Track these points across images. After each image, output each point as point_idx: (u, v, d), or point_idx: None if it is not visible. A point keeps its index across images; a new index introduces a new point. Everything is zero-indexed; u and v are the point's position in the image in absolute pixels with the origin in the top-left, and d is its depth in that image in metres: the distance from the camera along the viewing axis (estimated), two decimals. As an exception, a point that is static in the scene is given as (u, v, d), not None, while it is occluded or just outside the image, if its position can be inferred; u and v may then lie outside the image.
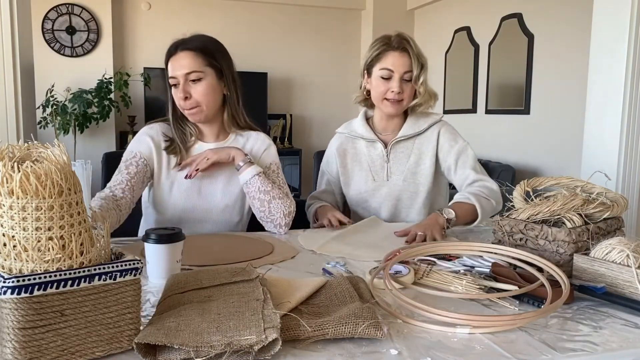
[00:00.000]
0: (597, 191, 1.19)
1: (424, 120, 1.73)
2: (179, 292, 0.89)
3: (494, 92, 4.34)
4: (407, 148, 1.74)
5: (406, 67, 1.61)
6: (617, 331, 0.86)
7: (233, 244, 1.40)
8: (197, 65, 1.49)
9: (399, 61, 1.61)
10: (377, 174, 1.74)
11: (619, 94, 2.28)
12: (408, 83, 1.63)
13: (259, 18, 5.33)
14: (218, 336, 0.72)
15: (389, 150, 1.74)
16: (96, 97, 4.48)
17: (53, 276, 0.67)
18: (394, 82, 1.62)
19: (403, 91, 1.63)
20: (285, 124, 5.37)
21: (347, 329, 0.77)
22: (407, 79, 1.63)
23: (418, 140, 1.74)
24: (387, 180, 1.73)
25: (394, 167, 1.74)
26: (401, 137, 1.72)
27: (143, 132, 1.59)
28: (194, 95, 1.50)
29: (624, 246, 0.99)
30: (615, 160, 2.29)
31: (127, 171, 1.50)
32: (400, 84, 1.62)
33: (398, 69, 1.61)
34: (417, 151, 1.73)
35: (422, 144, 1.73)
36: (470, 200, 1.56)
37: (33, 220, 0.68)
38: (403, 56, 1.61)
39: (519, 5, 4.04)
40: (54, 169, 0.69)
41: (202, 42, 1.53)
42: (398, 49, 1.62)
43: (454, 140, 1.72)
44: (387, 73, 1.62)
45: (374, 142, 1.75)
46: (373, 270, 1.07)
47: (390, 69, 1.62)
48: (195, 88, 1.50)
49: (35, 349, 0.66)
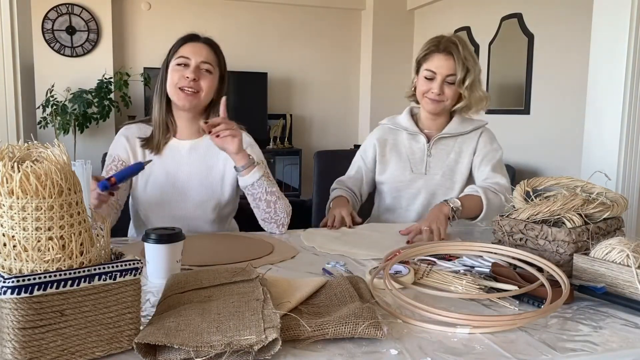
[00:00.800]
0: (597, 191, 1.19)
1: (469, 123, 1.80)
2: (178, 292, 0.89)
3: (494, 92, 4.34)
4: (448, 145, 1.78)
5: (450, 70, 1.66)
6: (617, 331, 0.86)
7: (233, 244, 1.40)
8: (212, 59, 1.56)
9: (443, 64, 1.67)
10: (415, 166, 1.78)
11: (618, 94, 2.28)
12: (451, 86, 1.69)
13: (259, 18, 5.33)
14: (218, 336, 0.72)
15: (431, 144, 1.78)
16: (96, 97, 4.48)
17: (53, 276, 0.67)
18: (436, 83, 1.68)
19: (444, 93, 1.69)
20: (285, 124, 5.36)
21: (347, 329, 0.77)
22: (450, 82, 1.68)
23: (460, 139, 1.79)
24: (425, 174, 1.77)
25: (434, 161, 1.77)
26: (445, 134, 1.77)
27: (119, 133, 1.63)
28: (200, 81, 1.53)
29: (623, 246, 0.99)
30: (615, 160, 2.29)
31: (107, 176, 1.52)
32: (442, 86, 1.68)
33: (441, 71, 1.67)
34: (458, 149, 1.78)
35: (463, 143, 1.78)
36: (478, 193, 1.60)
37: (33, 220, 0.68)
38: (448, 59, 1.66)
39: (519, 6, 4.04)
40: (54, 169, 0.69)
41: (218, 46, 1.60)
42: (444, 52, 1.67)
43: (490, 143, 1.78)
44: (430, 74, 1.69)
45: (416, 135, 1.80)
46: (373, 270, 1.07)
47: (434, 71, 1.68)
48: (203, 77, 1.54)
49: (35, 349, 0.66)
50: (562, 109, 3.67)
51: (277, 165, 5.22)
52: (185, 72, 1.52)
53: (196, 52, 1.53)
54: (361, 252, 1.30)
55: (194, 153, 1.59)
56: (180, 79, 1.52)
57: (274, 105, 5.35)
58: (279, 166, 5.28)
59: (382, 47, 5.38)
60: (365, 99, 5.60)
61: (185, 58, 1.53)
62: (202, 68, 1.53)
